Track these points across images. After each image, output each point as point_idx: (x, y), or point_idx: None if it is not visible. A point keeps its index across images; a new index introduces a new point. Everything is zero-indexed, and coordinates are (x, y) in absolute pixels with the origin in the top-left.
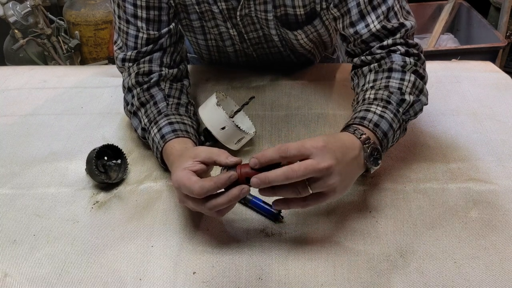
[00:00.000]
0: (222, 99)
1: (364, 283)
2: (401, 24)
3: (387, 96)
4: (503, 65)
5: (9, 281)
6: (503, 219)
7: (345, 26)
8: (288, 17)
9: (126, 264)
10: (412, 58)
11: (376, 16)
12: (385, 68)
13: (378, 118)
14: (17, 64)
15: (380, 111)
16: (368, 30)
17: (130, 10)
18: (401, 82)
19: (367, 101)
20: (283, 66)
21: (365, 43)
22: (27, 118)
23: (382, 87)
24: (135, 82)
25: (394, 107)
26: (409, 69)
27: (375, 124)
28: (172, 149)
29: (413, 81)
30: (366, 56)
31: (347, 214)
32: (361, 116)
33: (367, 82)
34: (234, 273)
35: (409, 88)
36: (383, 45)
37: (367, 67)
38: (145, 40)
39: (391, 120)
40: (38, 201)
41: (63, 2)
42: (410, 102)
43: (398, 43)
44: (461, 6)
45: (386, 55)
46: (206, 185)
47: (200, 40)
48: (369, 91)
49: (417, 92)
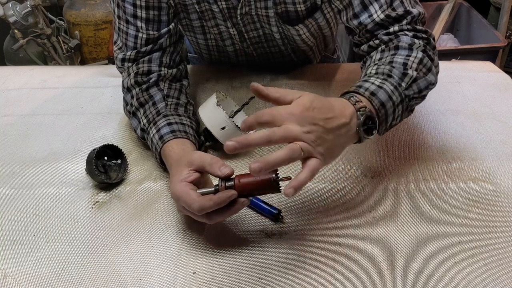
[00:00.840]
0: (222, 99)
1: (364, 283)
2: (406, 11)
3: (388, 70)
4: (503, 65)
5: (9, 281)
6: (503, 219)
7: (349, 18)
8: (289, 14)
9: (126, 264)
10: (421, 40)
11: (379, 5)
12: (391, 47)
13: (376, 88)
14: (17, 64)
15: (380, 83)
16: (372, 20)
17: (130, 10)
18: (406, 58)
19: (367, 76)
20: (283, 65)
21: (370, 33)
22: (27, 118)
23: (386, 63)
24: (134, 82)
25: (395, 80)
26: (418, 47)
27: (372, 93)
28: (170, 151)
29: (421, 58)
30: (374, 40)
31: (347, 214)
32: (357, 85)
33: (373, 61)
34: (234, 273)
35: (415, 64)
36: (389, 32)
37: (374, 51)
38: (145, 40)
39: (391, 92)
40: (38, 201)
41: (63, 2)
42: (413, 76)
43: (405, 29)
44: (461, 6)
45: (395, 37)
46: (206, 206)
47: (200, 39)
48: (371, 67)
49: (424, 69)
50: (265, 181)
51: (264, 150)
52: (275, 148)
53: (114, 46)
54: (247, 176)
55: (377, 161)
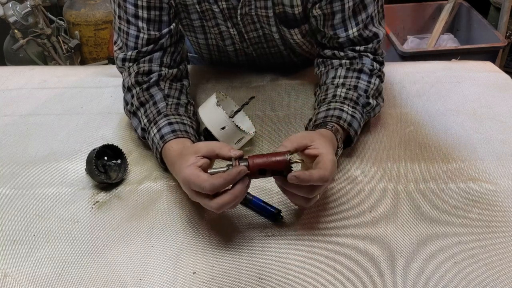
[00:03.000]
0: (222, 99)
1: (364, 283)
2: (374, 34)
3: (356, 98)
4: (503, 65)
5: (9, 281)
6: (503, 219)
7: (326, 26)
8: (286, 15)
9: (126, 264)
10: (377, 63)
11: (356, 23)
12: (356, 68)
13: (351, 118)
14: (17, 64)
15: (352, 112)
16: (346, 35)
17: (131, 10)
18: (367, 85)
19: (339, 99)
20: (283, 66)
21: (339, 44)
22: (27, 118)
23: (352, 88)
24: (134, 82)
25: (360, 107)
26: (376, 73)
27: (349, 123)
28: (170, 150)
29: (377, 85)
30: (339, 51)
31: (347, 214)
32: (337, 115)
33: (338, 76)
34: (234, 273)
35: (373, 91)
36: (355, 49)
37: (337, 61)
38: (146, 40)
39: (359, 119)
40: (38, 201)
41: (63, 2)
42: (373, 105)
43: (368, 51)
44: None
45: (358, 57)
46: (216, 183)
47: (201, 39)
48: (340, 88)
49: (377, 94)
50: (280, 161)
51: (266, 150)
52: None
53: (114, 46)
54: (260, 156)
55: (377, 161)
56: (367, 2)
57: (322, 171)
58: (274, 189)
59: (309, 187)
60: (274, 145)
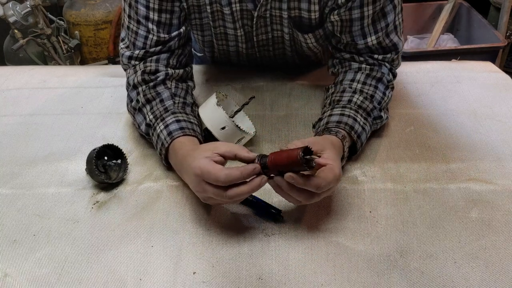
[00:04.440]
0: (222, 99)
1: (364, 283)
2: (394, 44)
3: (370, 110)
4: (503, 65)
5: (9, 281)
6: (503, 219)
7: (344, 32)
8: (301, 20)
9: (126, 264)
10: (392, 76)
11: (375, 31)
12: (376, 76)
13: (361, 130)
14: (17, 64)
15: (363, 123)
16: (365, 43)
17: (142, 11)
18: (382, 97)
19: (354, 107)
20: (284, 66)
21: (357, 50)
22: (27, 118)
23: (369, 97)
24: (141, 80)
25: (371, 119)
26: (391, 85)
27: (358, 135)
28: (182, 145)
29: (390, 98)
30: (358, 56)
31: (347, 214)
32: (350, 125)
33: (357, 81)
34: (234, 273)
35: (385, 103)
36: (373, 57)
37: (356, 64)
38: (155, 42)
39: (368, 131)
40: (38, 201)
41: (63, 2)
42: (383, 119)
43: (386, 60)
44: (461, 6)
45: (377, 64)
46: (232, 174)
47: (205, 37)
48: (357, 95)
49: (387, 106)
50: (294, 160)
51: (266, 150)
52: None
53: (121, 43)
54: (279, 154)
55: (377, 161)
56: (387, 10)
57: (320, 180)
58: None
59: (304, 192)
60: (274, 145)
